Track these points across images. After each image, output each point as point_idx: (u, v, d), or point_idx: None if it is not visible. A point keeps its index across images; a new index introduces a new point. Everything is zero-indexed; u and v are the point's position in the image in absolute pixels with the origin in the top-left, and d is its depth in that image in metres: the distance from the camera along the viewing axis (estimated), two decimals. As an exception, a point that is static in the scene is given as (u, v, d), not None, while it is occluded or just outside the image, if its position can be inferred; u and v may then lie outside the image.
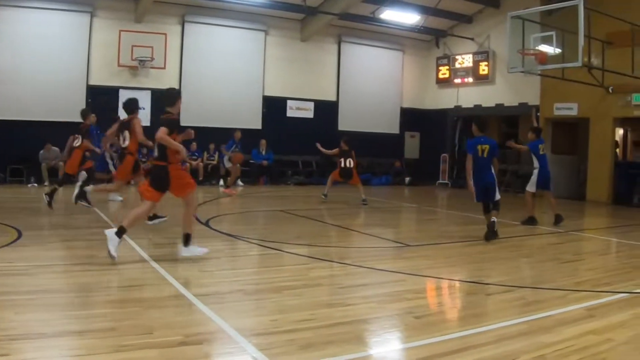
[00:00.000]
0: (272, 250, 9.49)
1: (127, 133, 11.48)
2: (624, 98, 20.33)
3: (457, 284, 8.00)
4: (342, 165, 17.15)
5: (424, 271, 8.43)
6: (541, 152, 14.09)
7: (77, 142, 13.78)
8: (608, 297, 7.19)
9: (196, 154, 22.36)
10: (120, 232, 7.85)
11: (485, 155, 11.34)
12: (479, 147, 11.34)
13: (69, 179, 14.15)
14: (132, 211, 8.50)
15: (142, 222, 9.99)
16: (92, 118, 14.63)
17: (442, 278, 8.19)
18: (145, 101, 21.64)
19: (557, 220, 14.03)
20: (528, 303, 6.90)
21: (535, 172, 14.10)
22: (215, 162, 22.69)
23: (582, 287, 7.73)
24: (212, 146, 22.66)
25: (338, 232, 12.34)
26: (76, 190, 12.16)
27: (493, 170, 11.53)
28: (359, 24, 25.76)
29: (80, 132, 13.87)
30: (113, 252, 7.69)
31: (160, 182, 8.28)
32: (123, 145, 11.74)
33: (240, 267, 8.53)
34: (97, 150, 15.48)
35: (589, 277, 8.52)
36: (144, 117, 21.62)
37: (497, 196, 11.64)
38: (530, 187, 14.15)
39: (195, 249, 8.35)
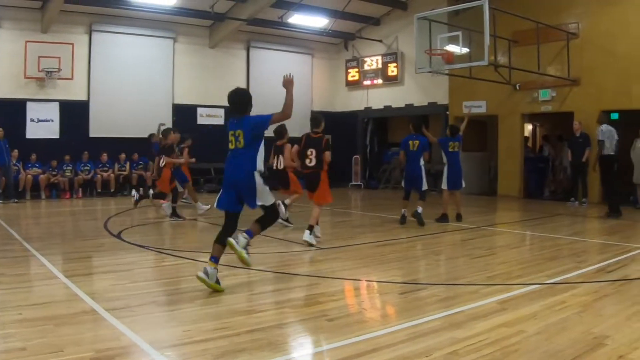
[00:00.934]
0: (186, 260, 9.43)
1: (281, 157, 13.25)
2: (531, 94, 20.88)
3: (371, 284, 8.07)
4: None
5: (337, 273, 8.51)
6: (450, 149, 14.35)
7: (163, 162, 15.03)
8: (519, 290, 7.37)
9: (107, 165, 21.92)
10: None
11: (415, 149, 13.13)
12: (410, 142, 13.27)
13: (162, 196, 15.63)
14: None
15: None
16: (174, 137, 15.63)
17: (355, 279, 8.29)
18: (53, 113, 21.38)
19: (458, 218, 14.51)
20: (440, 300, 7.01)
21: (445, 169, 14.39)
22: (126, 173, 22.27)
23: (494, 281, 7.89)
24: (122, 156, 22.27)
25: (253, 239, 12.25)
26: (168, 210, 14.78)
27: (422, 163, 13.40)
28: (267, 29, 25.73)
29: (163, 151, 15.18)
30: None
31: None
32: (280, 167, 13.20)
33: (152, 279, 8.44)
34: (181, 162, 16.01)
35: (501, 271, 8.72)
36: (53, 129, 21.36)
37: (424, 186, 13.42)
38: (444, 185, 14.43)
39: None
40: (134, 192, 16.99)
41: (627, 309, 6.51)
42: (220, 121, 24.95)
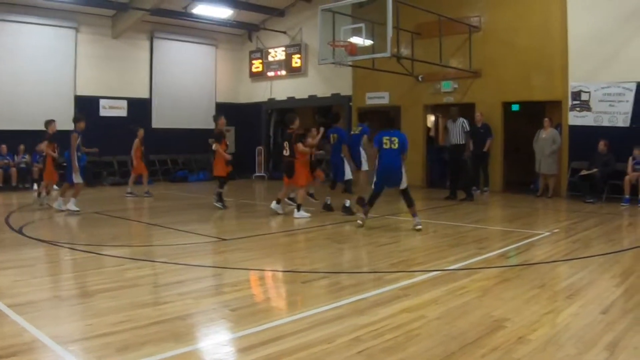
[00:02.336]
0: (88, 253, 9.21)
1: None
2: (433, 86, 21.19)
3: (273, 274, 8.10)
4: None
5: (240, 264, 8.50)
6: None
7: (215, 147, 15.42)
8: (421, 276, 7.49)
9: (7, 157, 21.27)
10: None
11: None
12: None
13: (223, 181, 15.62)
14: None
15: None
16: (223, 121, 16.00)
17: (258, 269, 8.35)
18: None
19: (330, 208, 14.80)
20: (343, 287, 7.09)
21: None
22: (26, 165, 21.62)
23: (396, 268, 8.01)
24: (22, 147, 21.60)
25: (155, 231, 12.18)
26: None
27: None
28: (171, 20, 25.39)
29: (214, 136, 15.58)
30: None
31: None
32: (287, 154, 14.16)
33: (55, 274, 8.27)
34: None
35: (403, 258, 8.85)
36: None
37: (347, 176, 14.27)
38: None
39: None
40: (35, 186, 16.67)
41: (526, 293, 6.71)
42: (123, 113, 24.57)
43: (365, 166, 14.44)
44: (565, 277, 7.75)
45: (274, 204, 14.09)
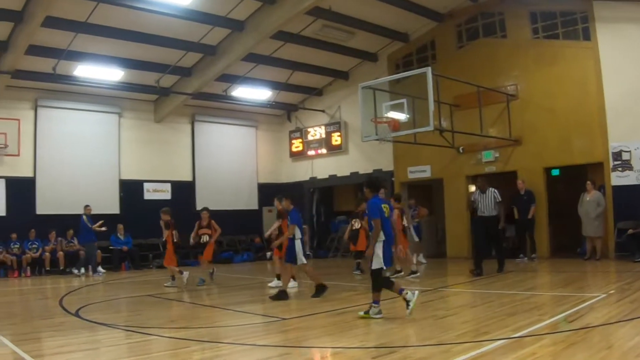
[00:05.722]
0: (151, 336, 9.16)
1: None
2: (474, 156, 21.30)
3: (341, 350, 7.99)
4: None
5: (306, 342, 8.54)
6: None
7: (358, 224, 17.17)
8: (489, 346, 7.43)
9: (55, 242, 21.59)
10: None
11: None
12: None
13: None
14: None
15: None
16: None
17: (326, 347, 8.24)
18: (-1, 190, 21.07)
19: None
20: (415, 361, 7.01)
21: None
22: (75, 248, 21.91)
23: (463, 339, 7.92)
24: (70, 232, 21.97)
25: (211, 312, 12.18)
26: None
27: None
28: (212, 102, 25.98)
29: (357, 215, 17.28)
30: None
31: None
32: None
33: (119, 357, 8.13)
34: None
35: (467, 329, 8.77)
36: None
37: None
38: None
39: None
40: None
41: (595, 355, 6.66)
42: (167, 196, 24.89)
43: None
44: (630, 337, 7.66)
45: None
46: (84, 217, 20.42)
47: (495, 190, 16.39)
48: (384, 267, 10.22)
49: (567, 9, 19.61)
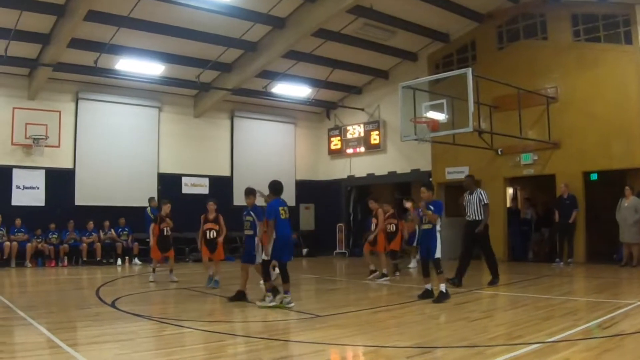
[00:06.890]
0: (185, 328, 9.24)
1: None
2: (513, 159, 21.19)
3: (376, 349, 8.03)
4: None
5: (340, 340, 8.49)
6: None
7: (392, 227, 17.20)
8: (523, 349, 7.40)
9: (94, 232, 21.93)
10: None
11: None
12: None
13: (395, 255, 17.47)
14: None
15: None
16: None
17: (359, 345, 8.28)
18: (39, 180, 21.43)
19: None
20: (448, 362, 7.04)
21: None
22: (113, 239, 22.33)
23: (496, 342, 7.93)
24: (107, 224, 22.34)
25: (248, 307, 12.23)
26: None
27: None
28: (251, 99, 26.14)
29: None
30: None
31: None
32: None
33: (154, 348, 8.30)
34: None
35: (500, 332, 8.75)
36: (39, 197, 21.37)
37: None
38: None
39: None
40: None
41: (631, 362, 6.63)
42: (205, 190, 25.06)
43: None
44: (666, 346, 7.65)
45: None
46: (148, 209, 20.73)
47: (482, 192, 15.53)
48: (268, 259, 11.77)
49: (609, 12, 19.49)
